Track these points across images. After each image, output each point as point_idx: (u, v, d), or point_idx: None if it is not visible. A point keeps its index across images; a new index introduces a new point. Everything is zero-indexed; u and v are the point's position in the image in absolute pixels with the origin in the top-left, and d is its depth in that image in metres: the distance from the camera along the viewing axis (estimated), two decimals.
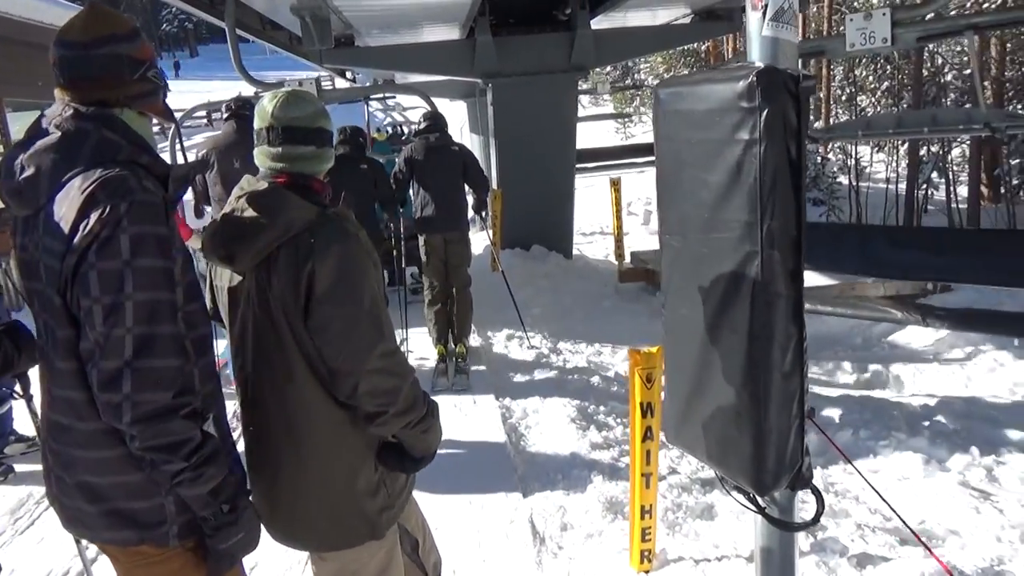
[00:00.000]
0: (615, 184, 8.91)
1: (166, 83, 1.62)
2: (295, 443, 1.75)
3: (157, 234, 1.44)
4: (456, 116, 16.79)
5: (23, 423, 4.71)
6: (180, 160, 7.51)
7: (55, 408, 1.54)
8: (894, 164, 13.55)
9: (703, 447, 2.27)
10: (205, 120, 25.25)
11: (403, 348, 5.76)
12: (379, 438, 1.82)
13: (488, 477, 4.21)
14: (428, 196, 5.65)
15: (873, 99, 14.95)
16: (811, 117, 15.97)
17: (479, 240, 10.09)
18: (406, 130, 16.57)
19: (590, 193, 13.96)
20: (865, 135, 6.46)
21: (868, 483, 2.80)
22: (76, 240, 1.39)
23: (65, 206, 1.42)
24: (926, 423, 5.17)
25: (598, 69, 20.05)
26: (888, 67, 14.19)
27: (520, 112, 8.96)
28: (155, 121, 1.65)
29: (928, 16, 5.66)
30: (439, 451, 1.93)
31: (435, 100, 8.27)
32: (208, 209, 5.24)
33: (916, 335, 6.97)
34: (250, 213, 1.68)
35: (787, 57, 2.05)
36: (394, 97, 26.35)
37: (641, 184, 15.24)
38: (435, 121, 5.83)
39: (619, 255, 9.03)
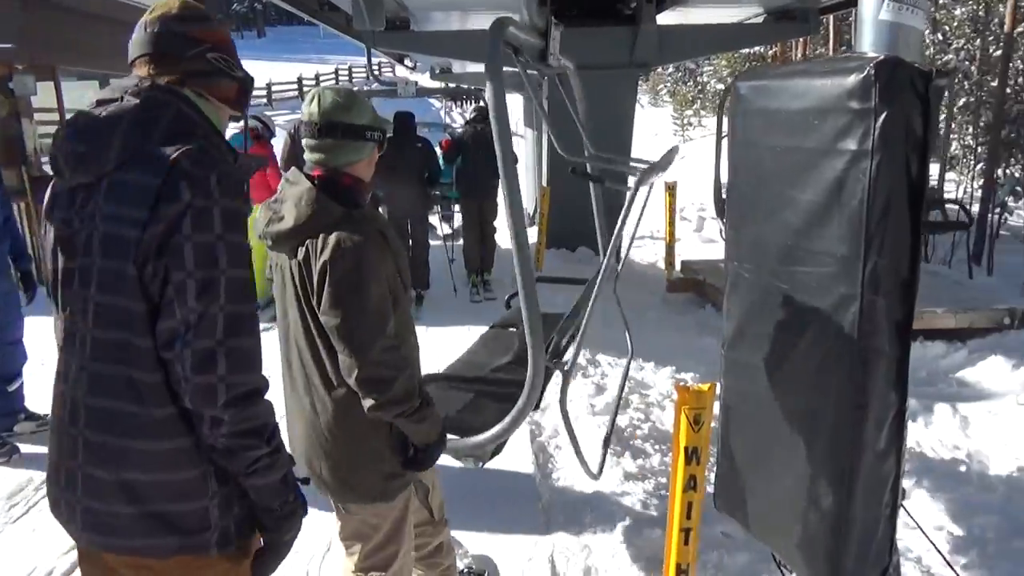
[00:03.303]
0: (670, 189, 8.37)
1: (246, 75, 1.57)
2: (326, 410, 1.97)
3: (241, 210, 1.40)
4: (512, 110, 16.40)
5: (35, 401, 4.48)
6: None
7: (104, 393, 1.37)
8: (967, 184, 12.69)
9: (760, 524, 1.81)
10: (265, 99, 25.28)
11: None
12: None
13: (510, 503, 3.80)
14: (471, 171, 7.60)
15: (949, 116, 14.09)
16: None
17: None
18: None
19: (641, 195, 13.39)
20: None
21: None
22: (164, 209, 1.31)
23: (144, 173, 1.35)
24: (1001, 476, 4.58)
25: (659, 69, 19.41)
26: (966, 82, 13.30)
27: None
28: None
29: None
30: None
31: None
32: None
33: (988, 371, 6.31)
34: (287, 207, 1.91)
35: (911, 49, 1.57)
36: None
37: (696, 189, 14.64)
38: (481, 112, 8.03)
39: (669, 263, 8.49)
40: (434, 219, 9.08)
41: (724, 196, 8.25)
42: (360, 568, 2.17)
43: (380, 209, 6.74)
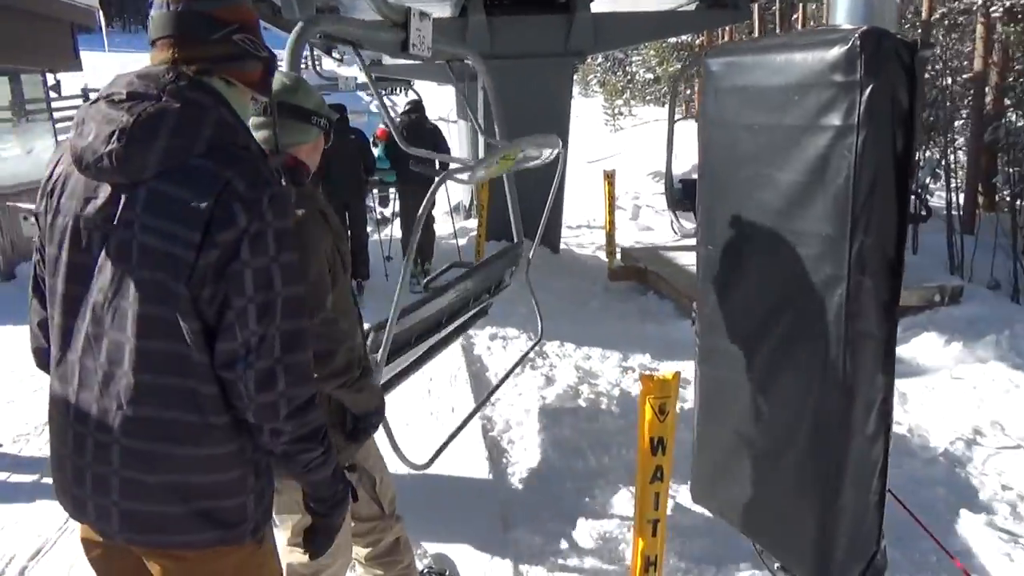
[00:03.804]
0: (608, 177, 8.37)
1: (271, 54, 1.52)
2: None
3: (290, 228, 1.40)
4: (445, 102, 16.17)
5: None
6: None
7: (155, 403, 1.37)
8: None
9: (744, 516, 1.75)
10: None
11: None
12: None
13: (466, 502, 3.68)
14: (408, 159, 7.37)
15: None
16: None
17: (463, 230, 9.54)
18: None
19: (575, 183, 13.41)
20: None
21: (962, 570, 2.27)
22: (219, 234, 1.31)
23: (193, 191, 1.32)
24: (943, 449, 4.72)
25: (589, 60, 19.49)
26: None
27: (512, 97, 8.38)
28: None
29: None
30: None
31: (420, 85, 7.93)
32: None
33: (922, 348, 6.52)
34: None
35: (886, 21, 1.52)
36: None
37: (630, 177, 14.74)
38: (415, 103, 8.21)
39: (610, 252, 8.50)
40: (370, 202, 9.24)
41: (678, 185, 8.32)
42: (294, 542, 2.18)
43: None
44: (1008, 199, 10.54)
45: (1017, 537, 3.70)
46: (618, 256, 8.47)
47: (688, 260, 8.15)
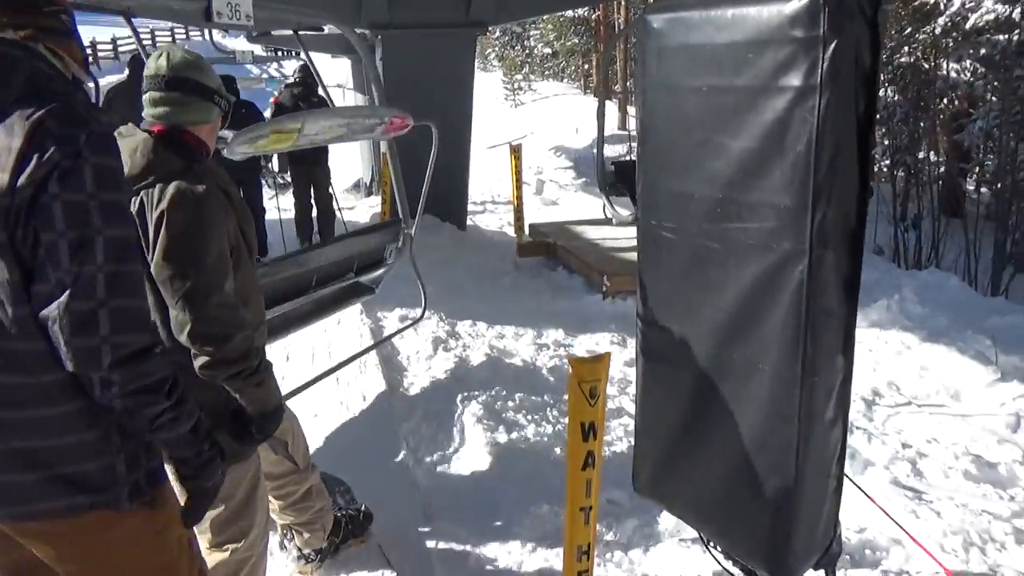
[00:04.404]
0: (515, 151, 8.19)
1: (80, 40, 1.48)
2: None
3: (116, 167, 1.35)
4: (339, 74, 15.53)
5: None
6: None
7: None
8: None
9: (693, 508, 1.62)
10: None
11: None
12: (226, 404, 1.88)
13: (383, 497, 3.46)
14: None
15: None
16: None
17: (364, 208, 9.16)
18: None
19: (478, 159, 13.21)
20: None
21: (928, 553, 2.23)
22: (29, 171, 1.24)
23: (5, 136, 1.26)
24: None
25: (487, 33, 19.21)
26: None
27: (413, 69, 8.04)
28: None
29: None
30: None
31: (313, 56, 7.53)
32: None
33: None
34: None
35: None
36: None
37: (532, 151, 14.65)
38: (302, 75, 7.44)
39: (519, 228, 8.36)
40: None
41: (611, 167, 8.04)
42: (215, 544, 2.04)
43: None
44: (886, 169, 11.10)
45: (920, 493, 3.84)
46: (526, 232, 8.34)
47: (596, 234, 8.11)
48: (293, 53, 14.99)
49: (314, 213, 7.71)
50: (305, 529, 2.58)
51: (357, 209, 9.75)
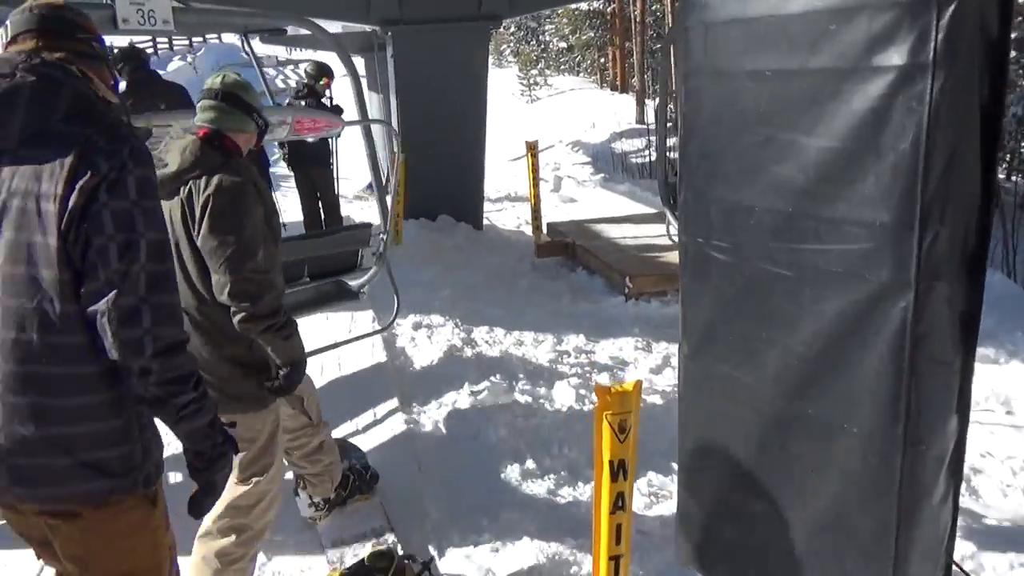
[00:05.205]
0: (532, 148, 7.85)
1: (109, 64, 1.64)
2: (201, 330, 2.26)
3: (153, 177, 1.48)
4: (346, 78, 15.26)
5: None
6: None
7: (24, 359, 1.41)
8: None
9: None
10: None
11: None
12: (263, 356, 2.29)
13: (395, 517, 3.18)
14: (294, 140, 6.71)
15: None
16: None
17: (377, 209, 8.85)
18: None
19: (494, 155, 12.87)
20: None
21: None
22: (82, 183, 1.38)
23: (57, 152, 1.40)
24: None
25: (501, 29, 18.90)
26: None
27: (425, 66, 7.72)
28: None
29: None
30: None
31: (324, 55, 7.16)
32: None
33: None
34: (172, 156, 2.22)
35: None
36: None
37: (549, 145, 14.30)
38: (312, 77, 7.08)
39: (536, 227, 8.02)
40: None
41: (675, 179, 7.23)
42: (241, 479, 2.36)
43: None
44: None
45: (980, 517, 3.47)
46: (544, 231, 8.00)
47: (617, 233, 7.75)
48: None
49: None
50: (316, 479, 2.86)
51: (367, 211, 9.46)
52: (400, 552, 2.76)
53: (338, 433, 3.92)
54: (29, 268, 1.40)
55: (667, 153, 6.71)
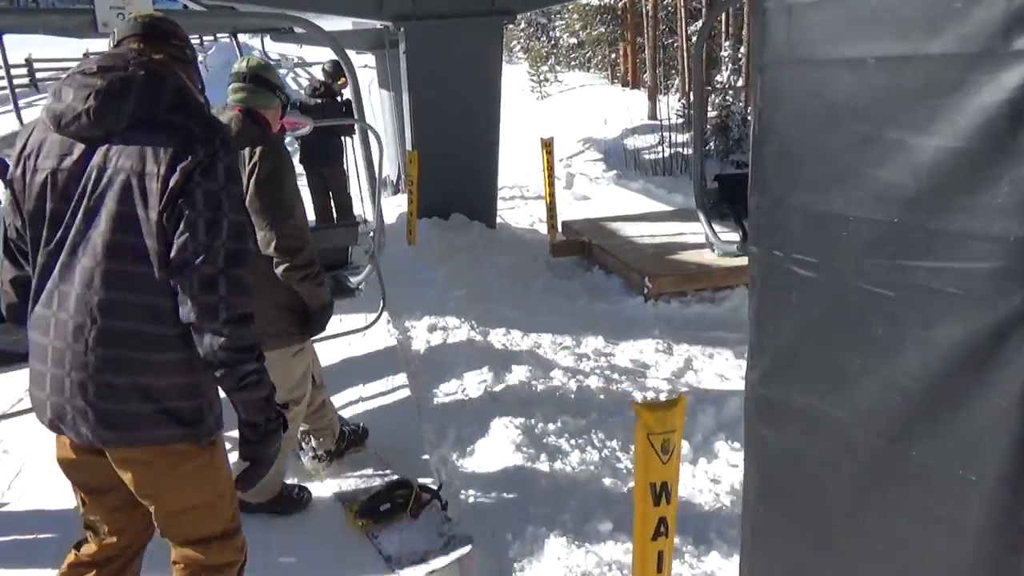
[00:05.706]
0: (547, 145, 7.67)
1: (198, 70, 1.89)
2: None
3: (238, 167, 1.69)
4: (364, 72, 15.11)
5: None
6: None
7: (121, 316, 1.60)
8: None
9: None
10: (28, 80, 18.68)
11: None
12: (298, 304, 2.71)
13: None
14: (307, 136, 6.56)
15: None
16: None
17: (391, 207, 8.70)
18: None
19: (504, 152, 12.68)
20: None
21: None
22: (182, 165, 1.56)
23: (161, 136, 1.59)
24: None
25: (511, 26, 18.73)
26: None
27: (438, 62, 7.56)
28: None
29: None
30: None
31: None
32: None
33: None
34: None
35: None
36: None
37: (561, 143, 14.12)
38: (329, 75, 7.19)
39: (551, 226, 7.84)
40: None
41: (714, 184, 6.69)
42: (284, 401, 2.59)
43: None
44: None
45: None
46: (559, 230, 7.83)
47: (634, 231, 7.56)
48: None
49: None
50: (319, 433, 3.22)
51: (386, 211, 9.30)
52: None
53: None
54: (131, 236, 1.57)
55: (702, 157, 6.43)
